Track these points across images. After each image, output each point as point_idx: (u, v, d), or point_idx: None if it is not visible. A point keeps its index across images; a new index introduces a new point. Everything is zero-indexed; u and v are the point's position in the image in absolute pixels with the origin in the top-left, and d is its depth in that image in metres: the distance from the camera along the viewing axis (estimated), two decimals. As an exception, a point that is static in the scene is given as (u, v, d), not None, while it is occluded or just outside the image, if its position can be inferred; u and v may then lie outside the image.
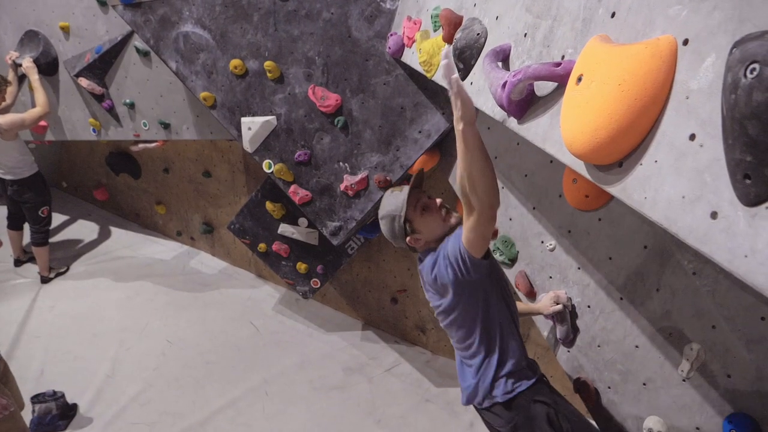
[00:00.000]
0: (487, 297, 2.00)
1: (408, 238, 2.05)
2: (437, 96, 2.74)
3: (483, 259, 1.85)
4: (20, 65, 4.37)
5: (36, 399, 3.35)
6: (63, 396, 3.43)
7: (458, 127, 1.49)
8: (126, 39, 3.90)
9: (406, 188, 2.05)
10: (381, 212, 2.09)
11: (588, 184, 2.00)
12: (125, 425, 3.40)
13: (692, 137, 0.91)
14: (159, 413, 3.49)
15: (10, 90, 4.48)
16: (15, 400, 2.64)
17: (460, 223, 2.02)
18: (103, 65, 4.08)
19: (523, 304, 2.33)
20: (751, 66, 0.73)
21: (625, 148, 1.04)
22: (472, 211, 1.67)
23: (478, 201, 1.61)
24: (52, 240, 5.25)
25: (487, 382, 2.05)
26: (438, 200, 2.08)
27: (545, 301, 2.24)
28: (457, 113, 1.47)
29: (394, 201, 2.05)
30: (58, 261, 5.22)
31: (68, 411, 3.43)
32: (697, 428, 1.71)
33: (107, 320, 4.43)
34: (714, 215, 0.85)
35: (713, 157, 0.86)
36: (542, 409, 2.00)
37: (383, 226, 2.10)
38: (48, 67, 4.40)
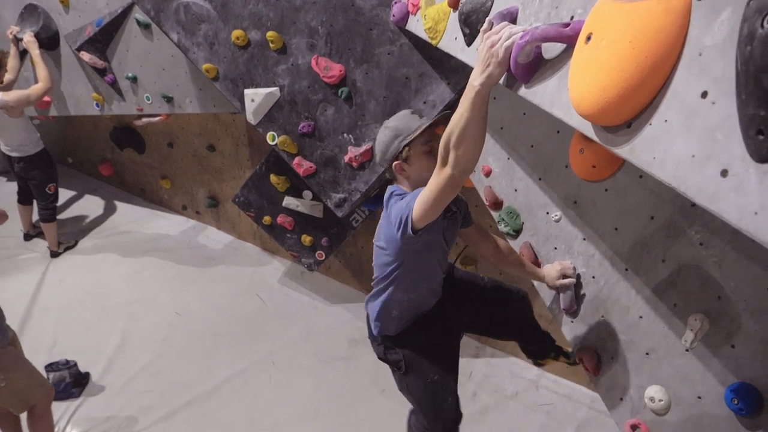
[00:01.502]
0: (408, 259, 2.09)
1: (396, 162, 2.02)
2: (442, 66, 2.70)
3: (416, 234, 1.89)
4: (21, 40, 4.33)
5: (50, 368, 3.44)
6: (76, 365, 3.51)
7: (476, 83, 1.44)
8: (126, 11, 3.85)
9: (426, 119, 2.03)
10: (389, 122, 2.05)
11: (595, 155, 1.98)
12: (136, 393, 3.47)
13: (704, 95, 0.89)
14: (168, 382, 3.55)
15: (11, 63, 4.45)
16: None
17: None
18: (104, 38, 4.04)
19: (528, 263, 2.32)
20: (769, 15, 0.71)
21: (635, 107, 1.01)
22: (442, 168, 1.65)
23: (455, 159, 1.58)
24: (59, 216, 5.27)
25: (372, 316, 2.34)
26: None
27: (551, 272, 2.23)
28: (486, 71, 1.42)
29: (408, 122, 2.02)
30: (66, 236, 5.25)
31: (81, 379, 3.52)
32: (699, 397, 1.72)
33: (116, 293, 4.48)
34: (724, 173, 0.84)
35: (725, 114, 0.84)
36: (381, 353, 2.37)
37: (382, 134, 2.05)
38: (49, 41, 4.35)
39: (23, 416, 2.81)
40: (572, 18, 1.30)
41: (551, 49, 1.36)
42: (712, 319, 1.66)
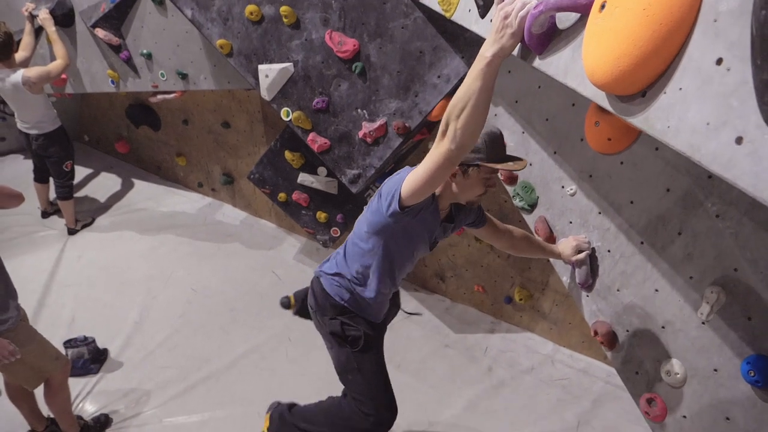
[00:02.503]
0: (387, 239, 2.11)
1: (456, 168, 1.91)
2: (457, 39, 2.67)
3: (404, 212, 1.90)
4: (36, 17, 4.35)
5: (68, 344, 3.48)
6: (94, 341, 3.55)
7: (487, 54, 1.42)
8: (141, -13, 3.85)
9: (511, 161, 1.95)
10: (485, 133, 1.91)
11: (610, 127, 1.96)
12: (155, 368, 3.53)
13: (719, 61, 0.88)
14: (186, 357, 3.61)
15: (26, 40, 4.48)
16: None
17: (475, 204, 2.12)
18: (119, 15, 4.05)
19: (545, 245, 2.33)
20: (785, -22, 0.69)
21: (649, 75, 1.00)
22: (440, 141, 1.62)
23: (454, 132, 1.55)
24: (76, 193, 5.34)
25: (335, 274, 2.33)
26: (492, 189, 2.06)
27: (566, 249, 2.23)
28: (499, 41, 1.41)
29: (495, 145, 1.93)
30: (83, 213, 5.32)
31: (99, 355, 3.56)
32: (715, 370, 1.72)
33: (133, 270, 4.54)
34: (739, 140, 0.83)
35: (740, 80, 0.83)
36: (336, 327, 2.34)
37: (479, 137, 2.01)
38: (64, 18, 4.38)
39: (39, 393, 2.83)
40: (587, -14, 1.28)
41: (565, 19, 1.35)
42: (729, 292, 1.65)
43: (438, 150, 1.64)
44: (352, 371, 2.39)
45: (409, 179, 1.82)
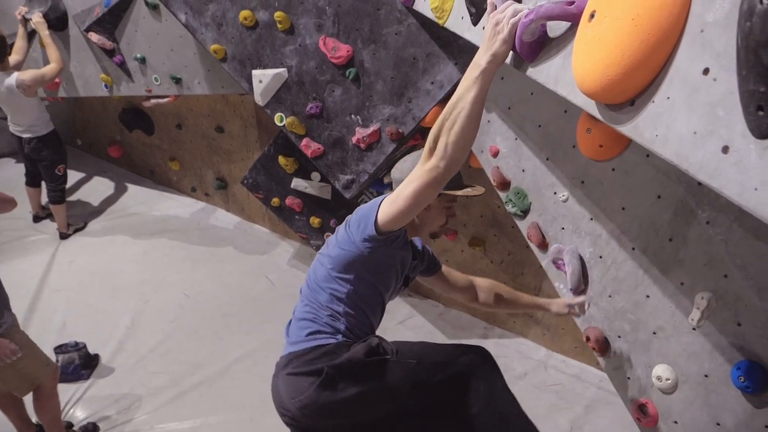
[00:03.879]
0: (357, 274, 1.87)
1: None
2: (450, 46, 2.69)
3: (381, 235, 1.74)
4: (30, 20, 4.35)
5: (59, 350, 3.44)
6: (85, 346, 3.53)
7: (481, 62, 1.41)
8: (135, -9, 3.85)
9: (470, 188, 1.95)
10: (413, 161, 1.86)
11: (602, 134, 1.97)
12: (146, 374, 3.51)
13: (706, 71, 0.89)
14: (178, 363, 3.59)
15: (19, 44, 4.47)
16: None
17: (437, 237, 2.03)
18: (112, 19, 4.05)
19: (523, 299, 2.28)
20: (769, -10, 0.70)
21: (638, 85, 1.01)
22: (428, 159, 1.53)
23: (445, 148, 1.47)
24: (68, 197, 5.31)
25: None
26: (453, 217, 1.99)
27: (556, 307, 2.21)
28: (491, 49, 1.40)
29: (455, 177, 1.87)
30: (75, 218, 5.30)
31: (90, 361, 3.53)
32: (706, 375, 1.72)
33: (125, 274, 4.52)
34: (725, 149, 0.84)
35: (726, 90, 0.84)
36: (360, 353, 1.81)
37: (405, 164, 1.94)
38: (57, 21, 4.37)
39: (28, 401, 2.80)
40: (577, -5, 1.29)
41: (556, 28, 1.36)
42: (719, 297, 1.66)
43: (425, 168, 1.54)
44: (420, 369, 1.85)
45: (388, 203, 1.70)
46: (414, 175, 1.59)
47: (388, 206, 1.69)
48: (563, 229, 2.27)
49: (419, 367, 1.84)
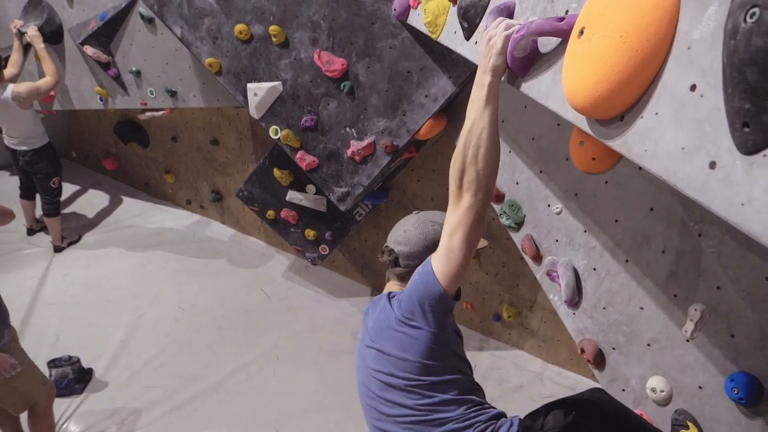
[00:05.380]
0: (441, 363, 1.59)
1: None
2: (444, 59, 2.70)
3: (454, 298, 1.53)
4: (25, 33, 4.36)
5: (52, 364, 3.43)
6: (78, 360, 3.51)
7: (484, 81, 1.38)
8: (130, 5, 3.86)
9: None
10: (437, 217, 1.71)
11: (595, 147, 1.99)
12: (140, 388, 3.49)
13: (693, 88, 0.90)
14: (172, 377, 3.57)
15: (14, 57, 4.47)
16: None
17: None
18: (108, 33, 4.06)
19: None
20: (752, 10, 0.72)
21: (627, 101, 1.02)
22: (459, 200, 1.43)
23: (477, 179, 1.38)
24: (63, 210, 5.30)
25: None
26: None
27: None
28: (489, 63, 1.38)
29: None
30: (70, 230, 5.28)
31: (84, 375, 3.51)
32: (700, 387, 1.73)
33: (120, 287, 4.50)
34: (713, 165, 0.85)
35: (713, 106, 0.85)
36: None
37: (431, 230, 1.70)
38: (53, 35, 4.38)
39: (23, 417, 2.78)
40: (567, 12, 1.31)
41: (547, 43, 1.37)
42: (712, 309, 1.66)
43: (463, 209, 1.43)
44: None
45: (441, 264, 1.49)
46: (454, 221, 1.46)
47: (445, 266, 1.48)
48: (557, 241, 2.28)
49: None
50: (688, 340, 1.75)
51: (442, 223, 1.55)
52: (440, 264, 1.48)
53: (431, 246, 1.64)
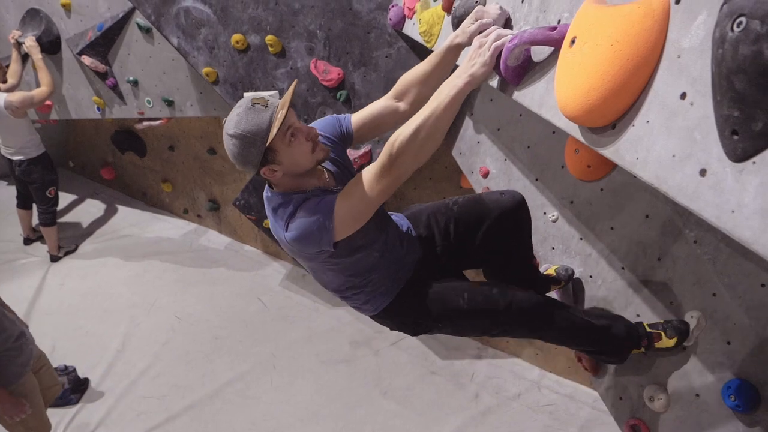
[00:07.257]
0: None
1: (264, 168, 1.63)
2: (439, 68, 2.72)
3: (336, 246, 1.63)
4: (23, 44, 4.37)
5: (48, 373, 3.41)
6: (74, 370, 3.50)
7: (459, 81, 1.40)
8: (128, 16, 3.88)
9: (273, 103, 1.58)
10: (231, 128, 1.58)
11: (590, 155, 1.99)
12: (136, 398, 3.47)
13: (683, 96, 0.91)
14: (169, 386, 3.56)
15: (13, 67, 4.48)
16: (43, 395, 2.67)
17: (326, 157, 1.69)
18: (105, 43, 4.08)
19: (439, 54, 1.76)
20: (738, 19, 0.72)
21: (618, 109, 1.03)
22: (388, 170, 1.52)
23: (413, 153, 1.47)
24: (60, 220, 5.29)
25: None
26: (308, 126, 1.67)
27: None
28: (470, 70, 1.40)
29: (256, 119, 1.54)
30: (66, 240, 5.28)
31: (80, 385, 3.50)
32: (697, 395, 1.72)
33: (116, 297, 4.49)
34: (703, 172, 0.86)
35: (703, 114, 0.86)
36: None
37: (231, 145, 1.60)
38: (51, 45, 4.40)
39: None
40: (559, 22, 1.32)
41: (540, 52, 1.38)
42: (709, 316, 1.67)
43: (385, 180, 1.54)
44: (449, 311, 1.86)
45: (342, 220, 1.59)
46: (368, 188, 1.57)
47: (342, 226, 1.62)
48: (553, 249, 2.28)
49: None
50: (684, 348, 1.75)
51: (240, 133, 1.56)
52: (340, 218, 1.59)
53: (236, 159, 1.65)
